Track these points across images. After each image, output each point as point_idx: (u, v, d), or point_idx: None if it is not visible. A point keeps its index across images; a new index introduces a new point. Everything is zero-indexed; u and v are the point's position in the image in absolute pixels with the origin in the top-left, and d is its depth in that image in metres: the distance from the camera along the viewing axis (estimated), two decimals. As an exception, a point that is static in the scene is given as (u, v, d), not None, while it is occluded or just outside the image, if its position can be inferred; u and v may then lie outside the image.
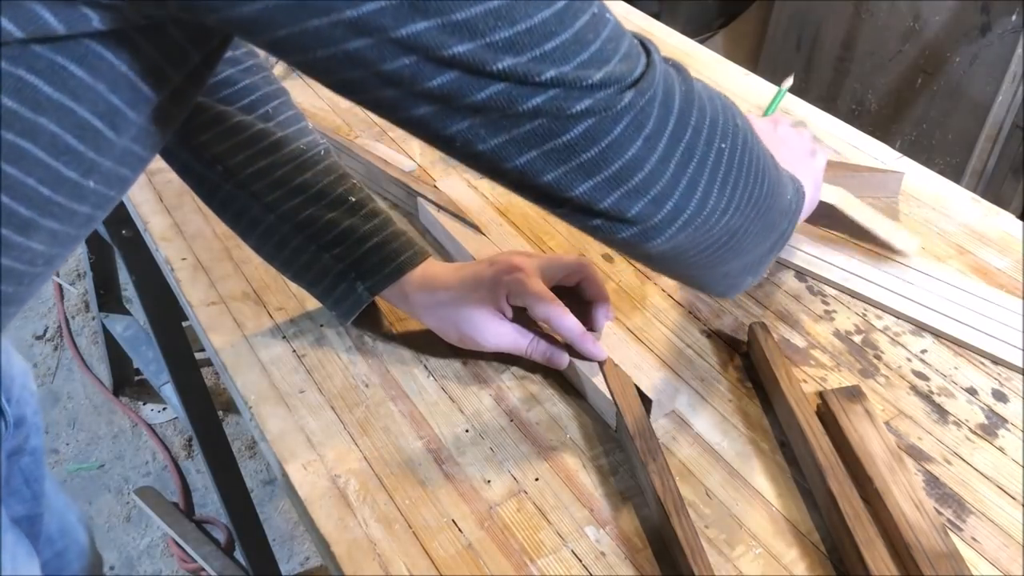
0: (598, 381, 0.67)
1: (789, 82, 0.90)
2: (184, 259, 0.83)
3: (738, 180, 0.52)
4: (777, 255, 0.63)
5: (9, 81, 0.40)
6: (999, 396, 0.70)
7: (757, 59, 2.39)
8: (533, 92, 0.42)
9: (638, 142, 0.46)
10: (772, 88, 1.10)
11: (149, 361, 1.71)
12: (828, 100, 2.20)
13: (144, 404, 1.94)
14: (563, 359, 0.69)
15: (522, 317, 0.70)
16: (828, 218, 0.81)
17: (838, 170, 0.91)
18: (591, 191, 0.47)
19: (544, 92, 0.42)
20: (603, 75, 0.43)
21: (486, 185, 0.92)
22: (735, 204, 0.52)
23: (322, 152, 0.72)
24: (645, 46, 0.47)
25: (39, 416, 0.82)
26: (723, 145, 0.50)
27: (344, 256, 0.70)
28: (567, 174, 0.46)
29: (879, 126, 2.11)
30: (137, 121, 0.46)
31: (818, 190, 0.73)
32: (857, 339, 0.75)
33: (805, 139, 0.74)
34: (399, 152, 0.96)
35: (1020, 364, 0.72)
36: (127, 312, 1.82)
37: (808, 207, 0.69)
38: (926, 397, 0.70)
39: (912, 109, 2.05)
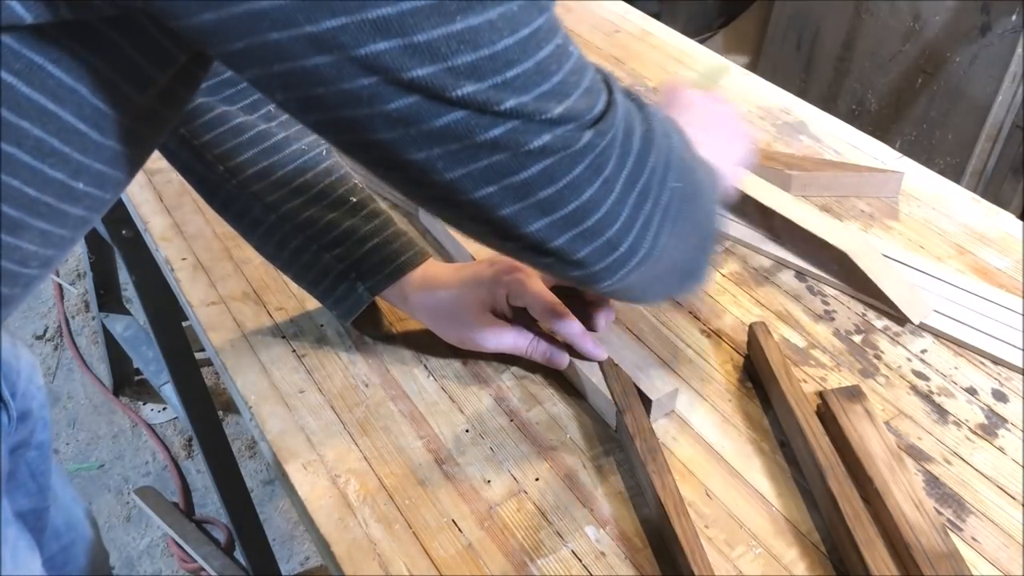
0: (598, 381, 0.67)
1: (727, 68, 0.88)
2: (184, 259, 0.83)
3: (687, 215, 0.52)
4: (711, 255, 0.63)
5: None
6: (999, 396, 0.70)
7: (757, 59, 2.39)
8: (492, 122, 0.41)
9: (596, 184, 0.46)
10: (772, 88, 1.10)
11: (149, 361, 1.71)
12: (828, 100, 2.20)
13: (144, 404, 1.94)
14: (563, 359, 0.69)
15: (522, 317, 0.70)
16: (839, 265, 0.80)
17: (838, 170, 0.91)
18: (545, 229, 0.47)
19: (504, 123, 0.41)
20: (563, 109, 0.42)
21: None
22: (681, 236, 0.53)
23: (324, 152, 0.72)
24: (607, 82, 0.47)
25: (46, 410, 0.82)
26: (676, 184, 0.50)
27: (345, 256, 0.70)
28: (523, 210, 0.46)
29: (879, 126, 2.11)
30: (124, 123, 0.45)
31: (736, 172, 0.72)
32: (857, 339, 0.75)
33: (734, 120, 0.73)
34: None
35: (1020, 364, 0.72)
36: (127, 312, 1.82)
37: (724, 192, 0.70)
38: (926, 397, 0.70)
39: (912, 109, 2.05)
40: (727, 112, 0.73)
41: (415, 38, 0.38)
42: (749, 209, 0.86)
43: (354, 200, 0.71)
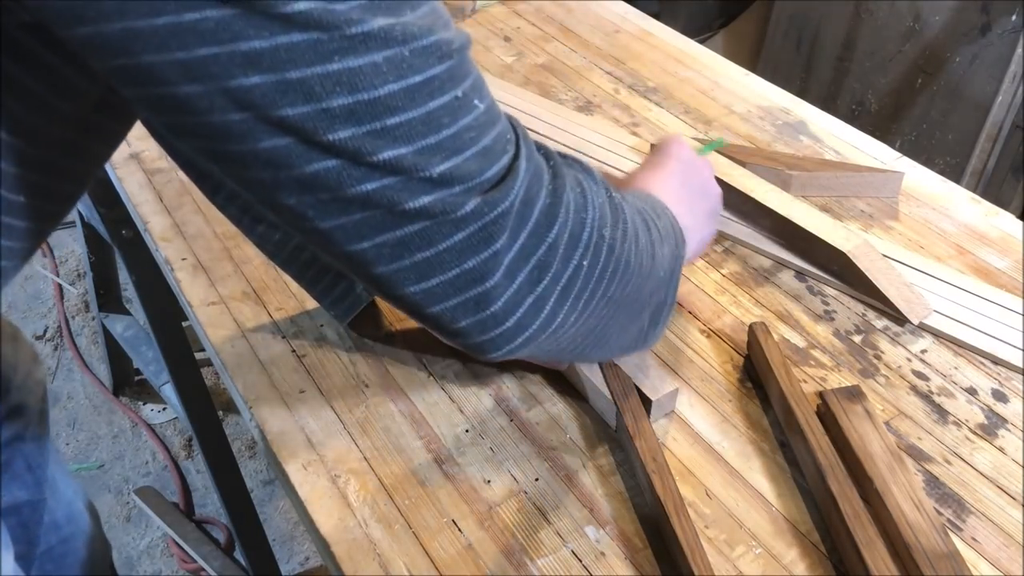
0: (598, 381, 0.67)
1: (722, 141, 0.93)
2: (184, 259, 0.83)
3: (595, 291, 0.49)
4: (669, 318, 0.62)
5: None
6: (999, 396, 0.70)
7: (757, 59, 2.39)
8: (366, 175, 0.39)
9: (483, 254, 0.43)
10: (772, 88, 1.10)
11: (149, 361, 1.71)
12: (828, 100, 2.20)
13: (144, 404, 1.94)
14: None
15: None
16: (839, 265, 0.79)
17: (838, 170, 0.91)
18: (422, 294, 0.44)
19: (378, 178, 0.39)
20: (447, 168, 0.40)
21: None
22: (589, 311, 0.49)
23: None
24: (518, 143, 0.44)
25: (46, 403, 0.82)
26: (584, 261, 0.47)
27: None
28: (399, 271, 0.43)
29: (879, 126, 2.11)
30: (65, 136, 0.44)
31: (708, 229, 0.71)
32: (857, 339, 0.75)
33: (705, 171, 0.71)
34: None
35: (1020, 364, 0.72)
36: (127, 312, 1.82)
37: (696, 249, 0.68)
38: (926, 397, 0.70)
39: (912, 109, 2.05)
40: (706, 171, 0.72)
41: (288, 75, 0.36)
42: (750, 209, 0.86)
43: None
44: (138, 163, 0.95)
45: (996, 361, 0.73)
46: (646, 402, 0.66)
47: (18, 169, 0.44)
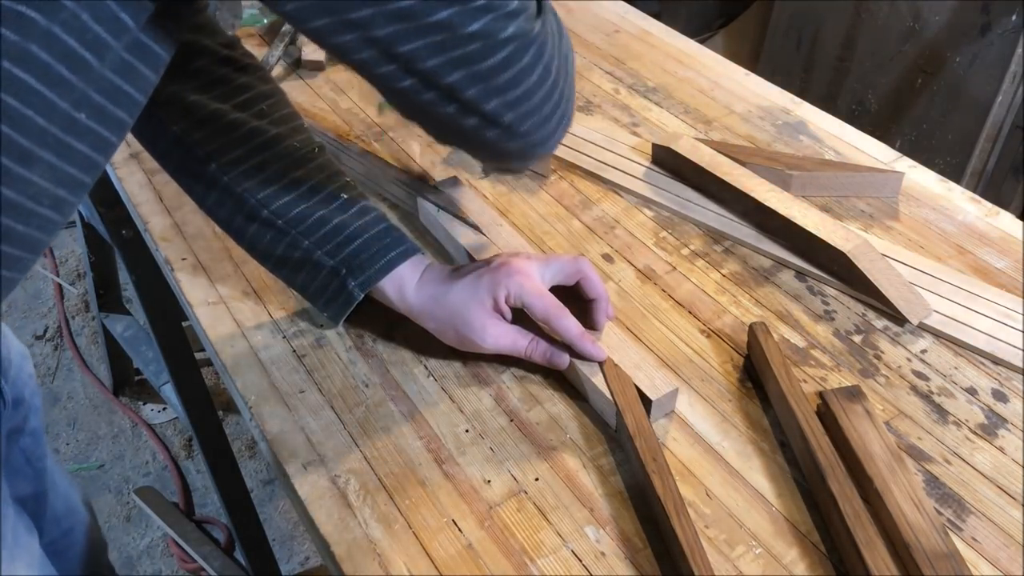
0: (598, 381, 0.67)
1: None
2: (184, 259, 0.83)
3: (571, 72, 0.62)
4: None
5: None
6: (999, 396, 0.70)
7: (757, 59, 2.39)
8: (473, 16, 0.49)
9: (539, 68, 0.55)
10: (772, 88, 1.10)
11: (149, 361, 1.71)
12: (828, 100, 2.20)
13: (144, 404, 1.94)
14: (563, 360, 0.69)
15: (521, 318, 0.70)
16: (839, 265, 0.80)
17: (838, 170, 0.91)
18: (498, 107, 0.55)
19: (481, 17, 0.50)
20: (518, 2, 0.51)
21: (486, 185, 0.92)
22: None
23: (315, 150, 0.72)
24: None
25: (38, 397, 0.83)
26: (568, 53, 0.60)
27: (335, 252, 0.70)
28: (483, 91, 0.54)
29: (879, 126, 2.11)
30: (120, 54, 0.48)
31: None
32: (857, 339, 0.75)
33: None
34: (399, 153, 0.96)
35: (1020, 364, 0.72)
36: (127, 312, 1.82)
37: None
38: (926, 397, 0.70)
39: (912, 109, 2.05)
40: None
41: None
42: (750, 209, 0.86)
43: (345, 197, 0.71)
44: (138, 163, 0.95)
45: (996, 361, 0.73)
46: (646, 402, 0.66)
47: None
